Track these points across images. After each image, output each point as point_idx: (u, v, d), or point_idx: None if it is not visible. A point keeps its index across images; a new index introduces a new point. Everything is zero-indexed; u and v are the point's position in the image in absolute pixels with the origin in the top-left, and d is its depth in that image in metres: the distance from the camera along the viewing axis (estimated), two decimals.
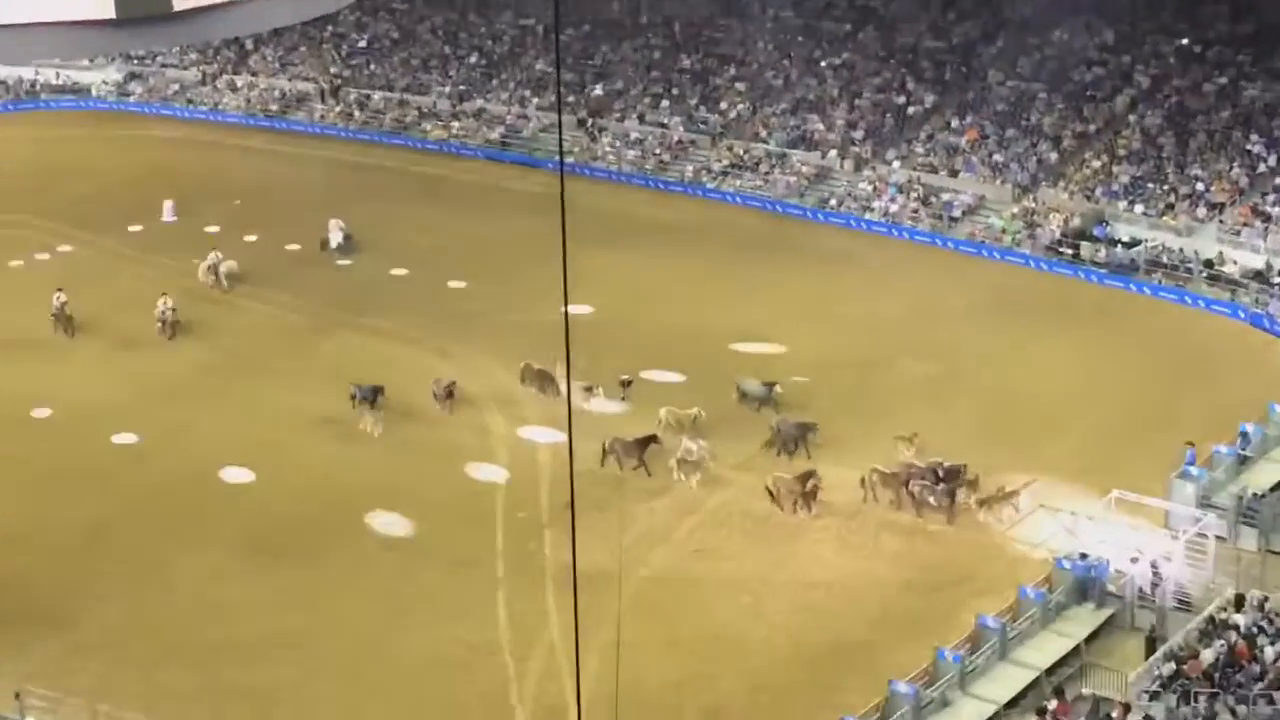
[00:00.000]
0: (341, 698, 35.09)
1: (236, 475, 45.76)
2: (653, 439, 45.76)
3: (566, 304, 21.27)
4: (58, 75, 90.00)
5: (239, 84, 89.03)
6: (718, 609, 38.19)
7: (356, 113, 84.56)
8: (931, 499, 41.94)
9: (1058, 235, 63.12)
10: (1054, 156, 67.93)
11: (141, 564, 40.73)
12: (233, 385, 51.79)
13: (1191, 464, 41.79)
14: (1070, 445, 46.22)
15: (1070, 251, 62.26)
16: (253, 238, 66.34)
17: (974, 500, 41.95)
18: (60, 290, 56.24)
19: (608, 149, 76.86)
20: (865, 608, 38.26)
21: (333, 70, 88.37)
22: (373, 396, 48.49)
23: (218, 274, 60.47)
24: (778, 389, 49.24)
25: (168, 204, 69.85)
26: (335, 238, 64.66)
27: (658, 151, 75.95)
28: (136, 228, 68.02)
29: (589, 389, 48.64)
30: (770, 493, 42.94)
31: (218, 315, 57.87)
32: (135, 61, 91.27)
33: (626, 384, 50.12)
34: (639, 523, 42.42)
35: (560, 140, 45.70)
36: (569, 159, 76.30)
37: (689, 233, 67.73)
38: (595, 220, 66.44)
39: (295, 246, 65.29)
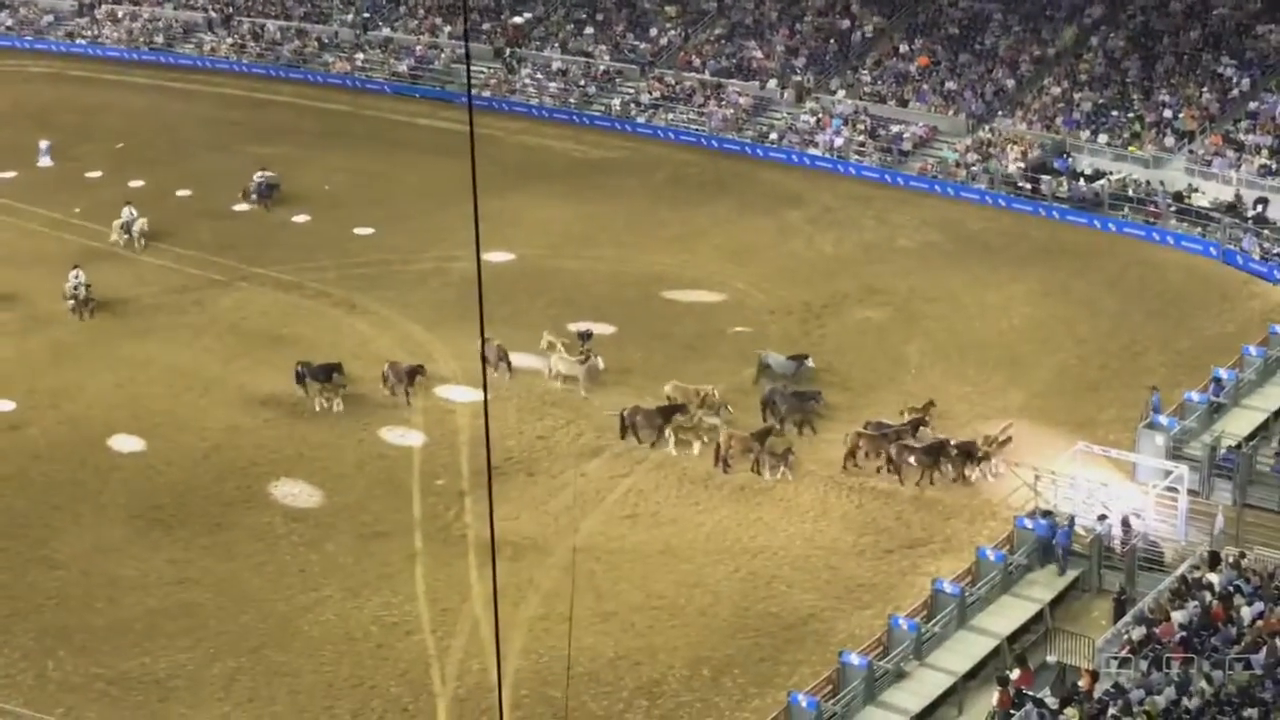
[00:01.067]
0: (245, 683, 34.86)
1: (126, 443, 45.29)
2: (679, 409, 44.75)
3: (479, 251, 20.92)
4: None
5: (120, 14, 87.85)
6: (655, 578, 38.24)
7: (250, 44, 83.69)
8: (911, 459, 41.92)
9: (1016, 168, 63.45)
10: (1011, 83, 68.20)
11: (23, 539, 40.25)
12: (122, 346, 51.19)
13: (1156, 411, 42.23)
14: (1031, 392, 46.61)
15: (1029, 186, 62.61)
16: (139, 183, 65.64)
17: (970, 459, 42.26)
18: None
19: (527, 81, 76.46)
20: (813, 574, 38.40)
21: None
22: (326, 376, 47.08)
23: (130, 232, 58.93)
24: (809, 362, 47.39)
25: (43, 144, 68.81)
26: (254, 184, 63.51)
27: (582, 83, 75.62)
28: (8, 174, 67.12)
29: (551, 345, 48.17)
30: (716, 452, 43.02)
31: (119, 276, 57.05)
32: None
33: (585, 336, 49.42)
34: (569, 487, 42.37)
35: (469, 72, 44.71)
36: (485, 92, 75.84)
37: (617, 171, 67.59)
38: (514, 159, 66.45)
39: (186, 192, 64.64)
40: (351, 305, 54.01)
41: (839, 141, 67.80)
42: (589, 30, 78.57)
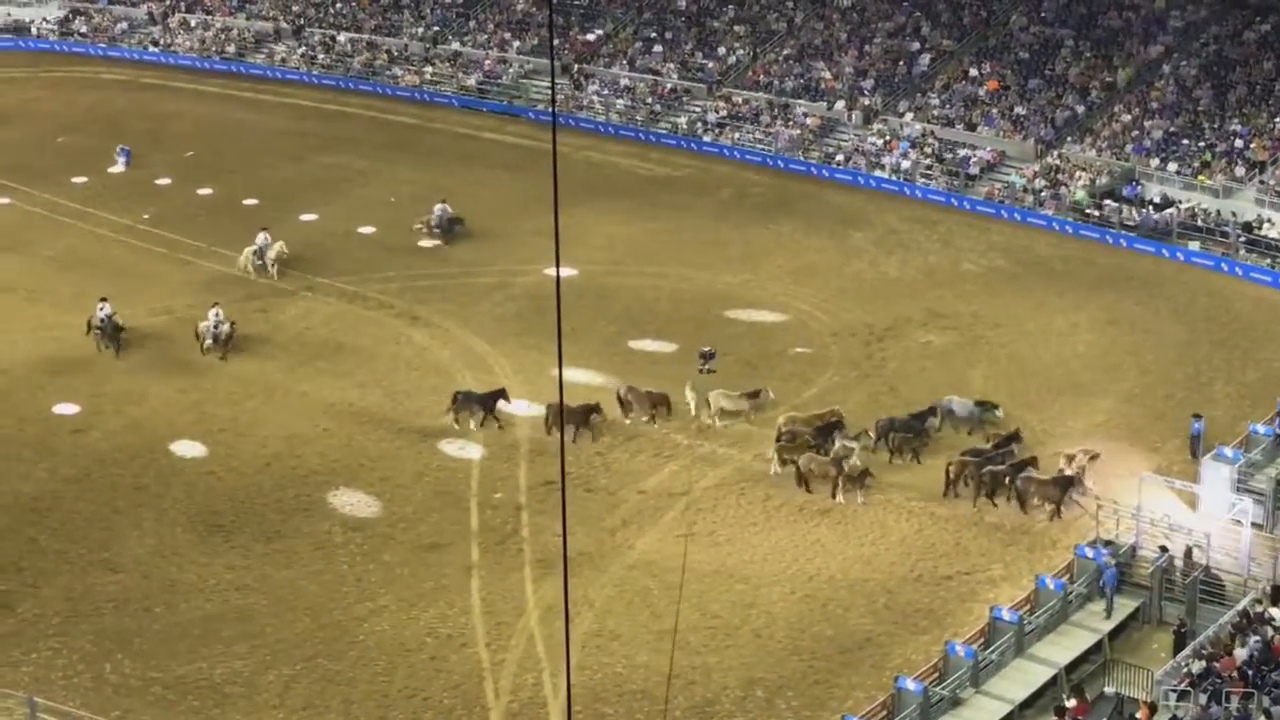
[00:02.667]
0: (299, 691, 35.05)
1: (188, 449, 45.64)
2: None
3: (559, 269, 21.01)
4: None
5: (192, 23, 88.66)
6: (711, 598, 38.18)
7: (320, 55, 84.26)
8: (1033, 490, 41.85)
9: (1084, 195, 63.09)
10: (1080, 109, 67.86)
11: (84, 543, 40.61)
12: (185, 351, 51.59)
13: (1197, 437, 42.12)
14: (1094, 420, 46.30)
15: (1097, 213, 62.25)
16: (207, 191, 66.35)
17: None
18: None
19: (594, 98, 76.64)
20: (870, 598, 38.27)
21: (295, 9, 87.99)
22: (490, 403, 46.55)
23: (264, 259, 57.23)
24: (998, 413, 46.27)
25: (121, 150, 69.49)
26: (436, 216, 61.03)
27: (649, 101, 75.76)
28: (80, 179, 67.85)
29: (753, 394, 47.10)
30: (799, 474, 43.00)
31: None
32: None
33: (708, 356, 49.68)
34: (627, 504, 42.40)
35: (553, 90, 44.94)
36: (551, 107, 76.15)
37: (682, 189, 67.66)
38: (580, 175, 66.59)
39: (253, 201, 65.12)
40: (414, 317, 54.25)
41: (906, 164, 67.62)
42: (657, 48, 78.70)
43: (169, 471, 44.38)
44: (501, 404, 46.86)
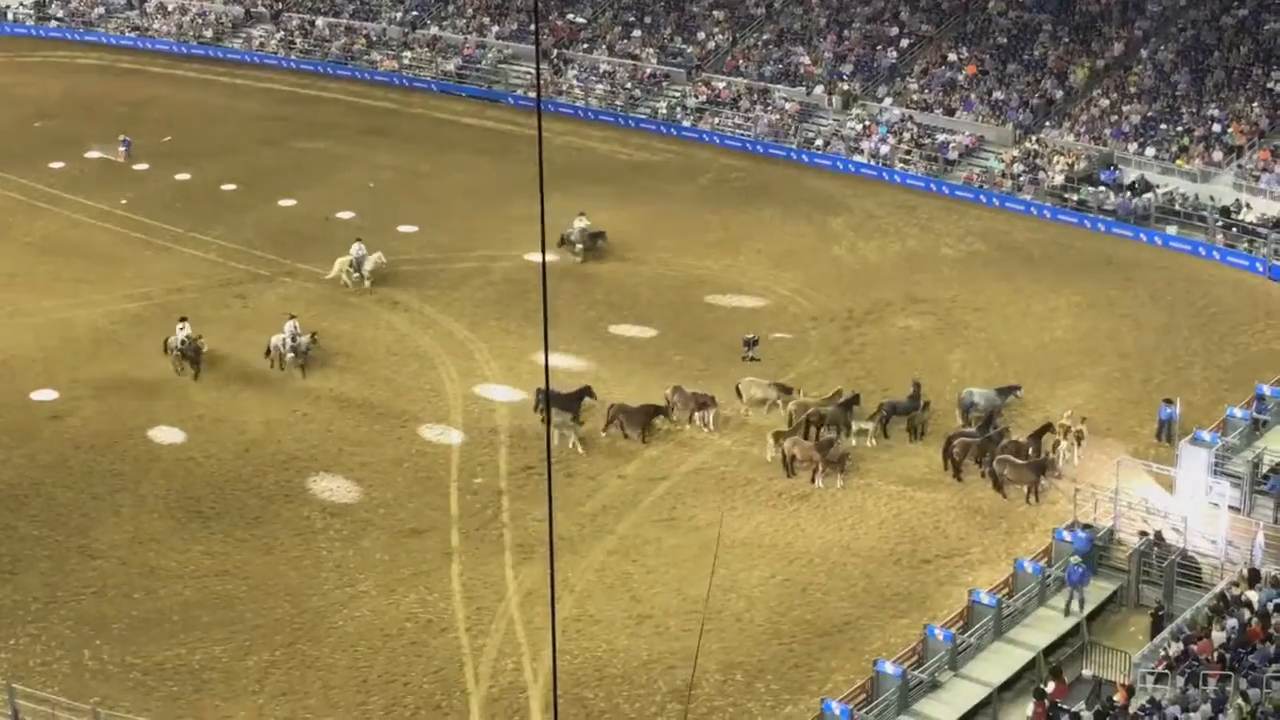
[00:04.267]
0: (279, 676, 35.00)
1: (166, 435, 45.56)
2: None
3: (544, 253, 21.01)
4: None
5: (170, 7, 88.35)
6: (691, 582, 38.21)
7: (299, 40, 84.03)
8: (1007, 471, 41.97)
9: (1062, 180, 63.21)
10: (1059, 94, 67.94)
11: (62, 529, 40.50)
12: (162, 337, 51.42)
13: (1167, 421, 42.40)
14: (1073, 404, 46.33)
15: (1076, 197, 62.36)
16: (185, 176, 66.22)
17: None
18: (184, 320, 49.86)
19: (574, 83, 76.56)
20: (849, 582, 38.33)
21: None
22: (574, 405, 45.17)
23: (361, 270, 55.04)
24: (1020, 393, 46.37)
25: (123, 139, 68.87)
26: (577, 231, 57.75)
27: (628, 86, 75.69)
28: (58, 164, 67.61)
29: (785, 389, 46.55)
30: (783, 459, 43.07)
31: (167, 266, 57.40)
32: None
33: (752, 343, 49.60)
34: (607, 489, 42.43)
35: (538, 75, 45.11)
36: (531, 93, 75.97)
37: (661, 174, 67.66)
38: (560, 161, 66.49)
39: (231, 186, 64.96)
40: (394, 302, 54.17)
41: (885, 149, 67.66)
42: (636, 33, 78.61)
43: (147, 458, 44.26)
44: (493, 391, 46.81)
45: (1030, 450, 42.55)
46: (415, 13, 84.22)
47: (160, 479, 43.09)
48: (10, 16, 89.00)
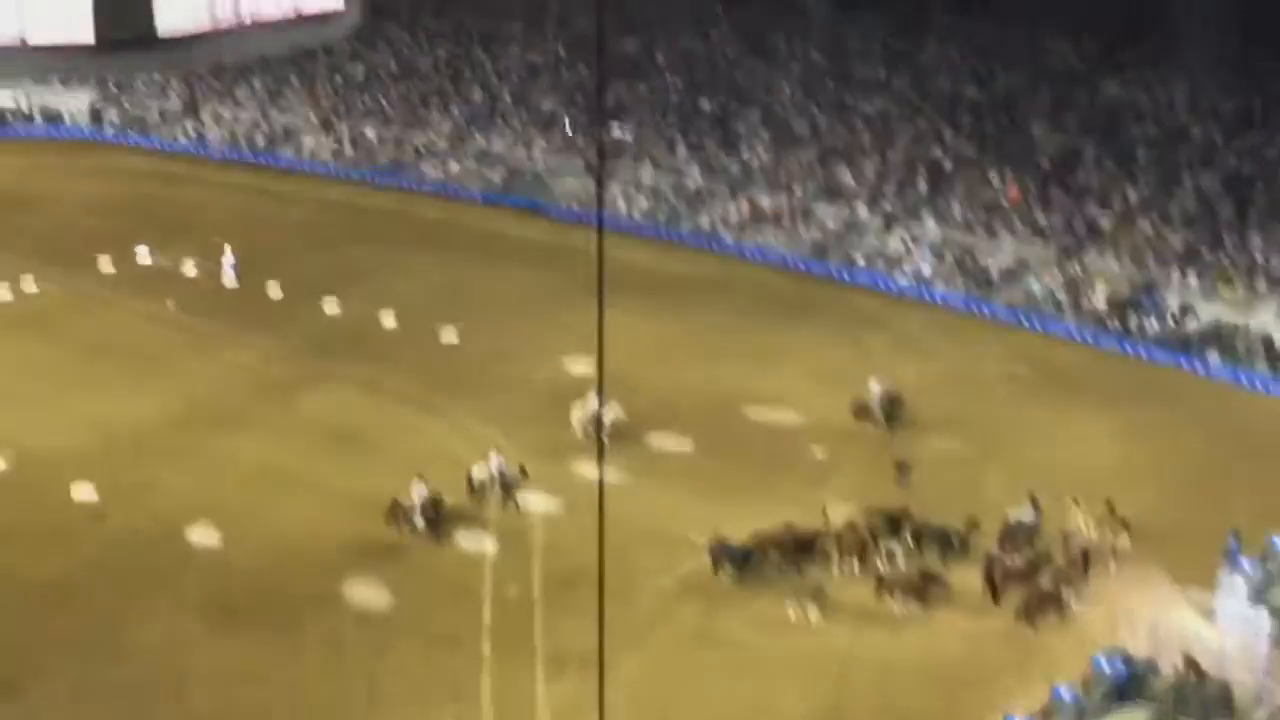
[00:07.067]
0: None
1: (202, 535, 45.56)
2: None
3: (602, 359, 21.01)
4: (26, 99, 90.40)
5: (223, 114, 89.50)
6: (721, 702, 37.79)
7: (349, 149, 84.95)
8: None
9: (1104, 304, 63.04)
10: (1102, 219, 67.95)
11: (95, 630, 40.44)
12: (204, 439, 51.67)
13: (1237, 553, 41.57)
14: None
15: (1117, 323, 62.17)
16: (232, 279, 66.72)
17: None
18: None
19: (617, 195, 77.04)
20: (878, 704, 37.87)
21: (325, 103, 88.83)
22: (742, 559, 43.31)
23: (600, 422, 50.66)
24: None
25: (229, 258, 67.70)
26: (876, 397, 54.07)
27: (671, 200, 76.12)
28: (108, 266, 68.23)
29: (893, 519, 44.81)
30: (880, 581, 42.55)
31: (203, 369, 57.77)
32: (112, 87, 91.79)
33: (904, 469, 48.77)
34: (641, 603, 42.10)
35: (599, 180, 44.90)
36: (574, 204, 76.45)
37: (702, 288, 67.81)
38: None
39: (276, 291, 65.40)
40: (432, 409, 54.24)
41: (926, 268, 67.71)
42: (680, 149, 79.13)
43: (184, 558, 44.27)
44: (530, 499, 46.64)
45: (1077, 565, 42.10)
46: (465, 124, 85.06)
47: (195, 580, 43.04)
48: (68, 119, 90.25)
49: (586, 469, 48.44)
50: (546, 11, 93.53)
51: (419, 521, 45.75)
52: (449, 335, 61.10)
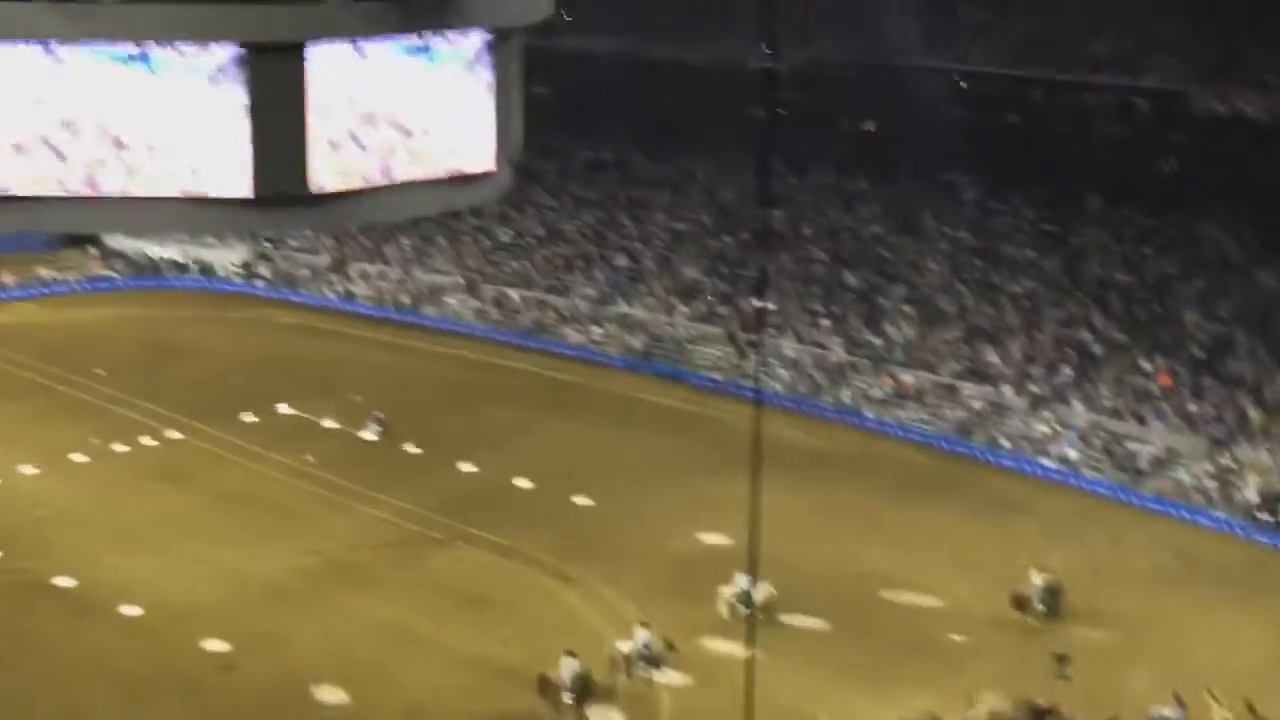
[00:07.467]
0: None
1: (330, 695, 45.34)
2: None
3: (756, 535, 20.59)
4: (182, 251, 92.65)
5: (371, 273, 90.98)
6: None
7: (493, 310, 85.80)
8: None
9: (1257, 498, 61.43)
10: (1255, 411, 66.47)
11: None
12: (336, 594, 51.68)
13: None
14: None
15: (1268, 515, 60.48)
16: (371, 436, 67.15)
17: None
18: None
19: (759, 367, 76.84)
20: None
21: (471, 264, 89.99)
22: None
23: (750, 604, 48.91)
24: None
25: (375, 420, 68.19)
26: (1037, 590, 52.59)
27: (813, 373, 75.75)
28: (250, 418, 69.09)
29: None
30: None
31: (341, 525, 57.99)
32: (264, 243, 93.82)
33: (1064, 660, 47.09)
34: None
35: (753, 352, 45.22)
36: (716, 374, 76.41)
37: (841, 464, 67.07)
38: (738, 443, 65.94)
39: (414, 449, 65.70)
40: (565, 576, 53.86)
41: (1073, 454, 66.51)
42: (824, 322, 78.96)
43: (311, 717, 44.02)
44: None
45: None
46: (608, 290, 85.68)
47: None
48: (220, 273, 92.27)
49: (720, 645, 47.69)
50: (694, 181, 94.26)
51: (566, 698, 44.73)
52: (584, 500, 60.91)
